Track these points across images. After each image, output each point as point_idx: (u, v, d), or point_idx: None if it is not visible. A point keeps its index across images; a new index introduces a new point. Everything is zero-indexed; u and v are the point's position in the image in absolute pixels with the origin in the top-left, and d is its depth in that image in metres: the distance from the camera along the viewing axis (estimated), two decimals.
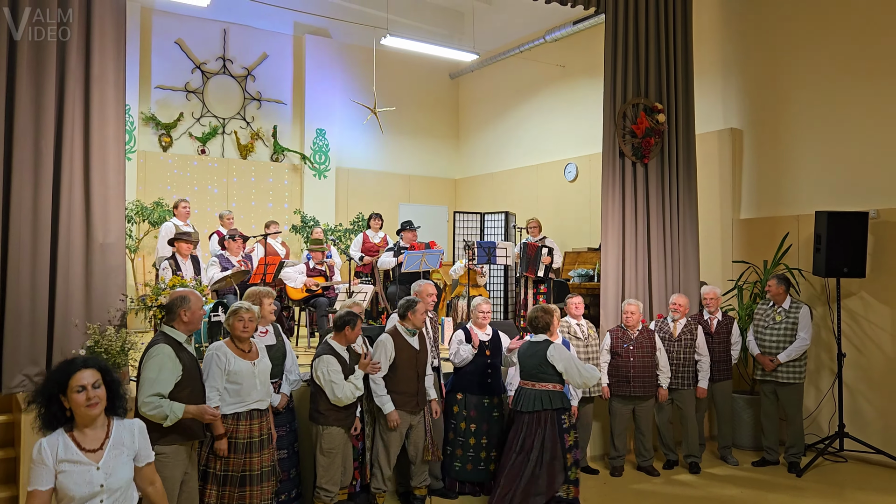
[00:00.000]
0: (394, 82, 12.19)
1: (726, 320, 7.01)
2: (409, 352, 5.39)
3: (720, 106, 8.53)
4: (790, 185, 7.81)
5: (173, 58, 10.72)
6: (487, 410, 5.80)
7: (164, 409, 3.85)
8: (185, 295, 4.21)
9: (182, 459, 4.05)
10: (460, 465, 5.75)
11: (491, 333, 5.98)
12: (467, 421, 5.77)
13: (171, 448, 3.98)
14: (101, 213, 5.30)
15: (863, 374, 7.06)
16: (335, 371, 4.86)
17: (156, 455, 3.92)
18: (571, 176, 10.66)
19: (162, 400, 3.86)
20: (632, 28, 7.58)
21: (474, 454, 5.75)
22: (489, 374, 5.83)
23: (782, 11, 7.91)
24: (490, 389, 5.83)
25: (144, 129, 10.46)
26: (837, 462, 6.87)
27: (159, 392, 3.86)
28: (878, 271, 6.95)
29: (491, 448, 5.79)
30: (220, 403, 4.28)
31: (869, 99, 7.11)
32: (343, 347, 5.03)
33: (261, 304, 4.92)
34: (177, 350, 4.04)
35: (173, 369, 3.96)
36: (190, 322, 4.17)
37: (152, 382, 3.88)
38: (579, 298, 6.57)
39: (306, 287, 8.03)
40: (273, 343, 5.01)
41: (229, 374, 4.31)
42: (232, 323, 4.41)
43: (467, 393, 5.80)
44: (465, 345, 5.77)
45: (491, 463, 5.78)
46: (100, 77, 5.34)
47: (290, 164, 11.65)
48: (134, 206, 9.57)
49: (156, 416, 3.84)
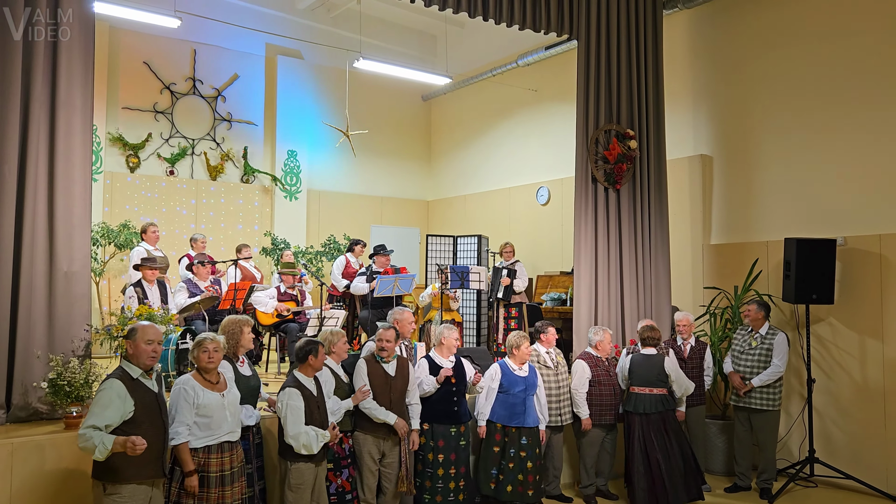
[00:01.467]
0: (366, 104, 12.16)
1: (699, 346, 7.05)
2: (381, 378, 5.35)
3: (691, 132, 8.64)
4: (760, 212, 7.91)
5: (141, 78, 10.57)
6: (455, 439, 5.71)
7: (94, 440, 3.63)
8: (134, 327, 4.04)
9: (140, 500, 3.88)
10: (430, 496, 5.64)
11: (454, 361, 5.90)
12: (435, 451, 5.66)
13: (126, 487, 3.82)
14: (66, 242, 5.17)
15: (832, 400, 7.13)
16: (295, 408, 4.67)
17: (112, 495, 3.79)
18: (544, 199, 10.70)
19: (94, 431, 3.66)
20: (604, 55, 7.66)
21: (443, 485, 5.64)
22: (455, 401, 5.76)
23: (752, 40, 8.06)
24: (456, 418, 5.75)
25: (111, 150, 10.28)
26: (808, 487, 6.91)
27: (94, 424, 3.68)
28: (845, 298, 7.04)
29: (460, 478, 5.70)
30: (191, 438, 4.16)
31: (837, 127, 7.25)
32: (310, 378, 4.89)
33: (240, 332, 4.84)
34: (130, 386, 3.87)
35: (120, 406, 3.78)
36: (134, 356, 3.97)
37: (91, 415, 3.72)
38: (553, 329, 6.56)
39: (277, 312, 7.91)
40: (250, 374, 4.92)
41: (199, 407, 4.19)
42: (197, 355, 4.30)
43: (434, 422, 5.71)
44: (429, 377, 5.69)
45: (461, 493, 5.70)
46: (66, 102, 5.22)
47: (261, 186, 11.53)
48: (100, 229, 9.37)
49: (86, 448, 3.66)
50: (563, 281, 9.59)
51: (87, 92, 5.34)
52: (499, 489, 5.85)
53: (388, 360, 5.44)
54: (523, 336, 6.12)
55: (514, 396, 5.92)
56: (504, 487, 5.83)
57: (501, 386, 5.93)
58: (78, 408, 4.87)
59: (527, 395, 5.96)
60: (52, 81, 5.21)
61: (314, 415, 4.76)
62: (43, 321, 5.06)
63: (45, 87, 5.17)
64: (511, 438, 5.90)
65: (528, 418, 5.94)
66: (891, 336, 6.72)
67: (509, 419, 5.90)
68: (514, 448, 5.88)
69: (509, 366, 6.00)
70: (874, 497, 6.61)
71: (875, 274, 6.86)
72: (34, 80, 5.10)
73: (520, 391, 5.92)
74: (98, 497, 3.87)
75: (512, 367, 6.00)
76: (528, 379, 5.99)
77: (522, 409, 5.92)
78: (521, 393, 5.92)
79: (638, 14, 7.88)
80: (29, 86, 5.09)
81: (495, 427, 5.92)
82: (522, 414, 5.92)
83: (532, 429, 5.97)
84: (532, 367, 6.14)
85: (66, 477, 4.65)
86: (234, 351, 4.83)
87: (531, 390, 5.99)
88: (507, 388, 5.93)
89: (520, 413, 5.91)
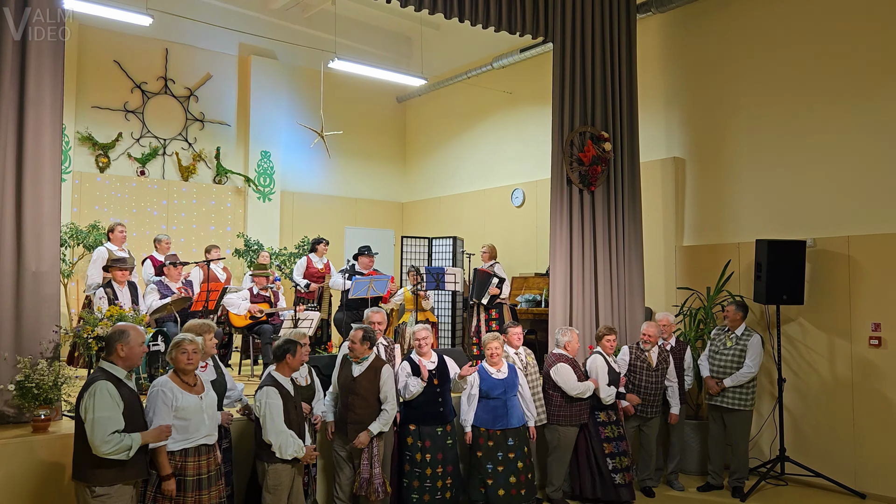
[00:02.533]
0: (341, 105, 12.10)
1: (679, 346, 7.10)
2: (345, 378, 5.38)
3: (664, 135, 8.73)
4: (731, 214, 8.01)
5: (112, 77, 10.42)
6: (441, 439, 5.73)
7: (126, 442, 3.78)
8: (125, 329, 4.04)
9: (126, 500, 3.90)
10: (417, 496, 5.64)
11: (437, 361, 5.90)
12: (422, 451, 5.67)
13: (114, 488, 3.83)
14: (34, 242, 5.05)
15: (802, 399, 7.24)
16: (275, 406, 4.64)
17: (100, 497, 3.77)
18: (518, 201, 10.73)
19: (122, 435, 3.78)
20: (579, 57, 7.70)
21: (431, 484, 5.65)
22: (439, 402, 5.77)
23: (724, 45, 8.16)
24: (442, 418, 5.76)
25: (80, 150, 10.10)
26: (779, 486, 7.00)
27: (116, 429, 3.78)
28: (815, 298, 7.16)
29: (447, 477, 5.71)
30: (168, 441, 4.10)
31: (807, 132, 7.37)
32: (287, 378, 4.86)
33: (202, 340, 4.77)
34: (117, 386, 3.88)
35: (117, 408, 3.83)
36: (127, 358, 4.01)
37: (106, 421, 3.76)
38: (520, 328, 6.56)
39: (250, 314, 7.83)
40: (214, 378, 4.87)
41: (177, 409, 4.13)
42: (175, 356, 4.24)
43: (420, 424, 5.72)
44: (413, 378, 5.69)
45: (448, 491, 5.70)
46: (35, 100, 5.11)
47: (234, 187, 11.41)
48: (68, 230, 9.20)
49: (118, 451, 3.76)
50: (538, 282, 9.62)
51: (56, 89, 5.24)
52: (489, 494, 5.82)
53: (357, 361, 5.40)
54: (494, 336, 6.14)
55: (494, 400, 5.92)
56: (495, 492, 5.80)
57: (481, 391, 5.94)
58: (46, 410, 4.76)
59: (507, 397, 5.95)
60: (20, 79, 5.09)
61: (291, 415, 4.71)
62: (10, 322, 4.94)
63: (14, 85, 5.05)
64: (497, 442, 5.89)
65: (512, 419, 5.94)
66: (859, 336, 6.84)
67: (493, 423, 5.90)
68: (502, 451, 5.87)
69: (487, 370, 6.00)
70: (843, 494, 6.72)
71: (844, 275, 6.98)
72: (2, 77, 4.99)
73: (499, 394, 5.92)
74: (84, 500, 3.83)
75: (489, 370, 6.00)
76: (506, 381, 5.98)
77: (505, 412, 5.92)
78: (501, 395, 5.92)
79: (612, 17, 7.94)
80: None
81: (479, 432, 5.92)
82: (505, 416, 5.91)
83: (517, 429, 5.96)
84: (512, 367, 6.12)
85: (37, 481, 4.55)
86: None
87: (511, 391, 5.99)
88: (486, 392, 5.93)
89: (502, 415, 5.91)
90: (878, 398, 6.68)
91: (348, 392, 5.35)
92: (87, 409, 3.78)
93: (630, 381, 6.77)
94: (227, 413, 4.90)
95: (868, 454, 6.71)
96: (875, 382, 6.71)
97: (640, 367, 6.74)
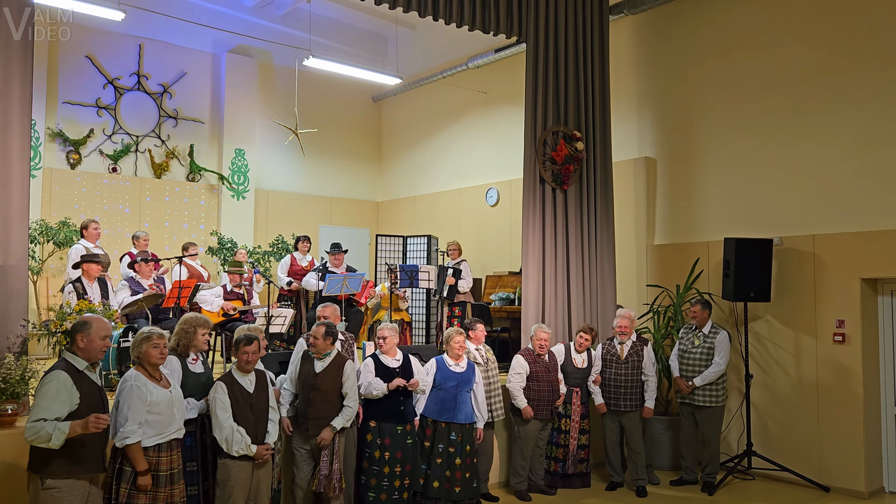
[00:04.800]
0: (316, 104, 12.09)
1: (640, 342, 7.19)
2: (306, 374, 5.35)
3: (635, 135, 8.84)
4: (701, 213, 8.14)
5: (84, 72, 10.31)
6: (401, 438, 5.71)
7: (47, 429, 3.64)
8: (88, 320, 4.00)
9: (78, 495, 3.83)
10: (374, 494, 5.61)
11: (401, 359, 5.87)
12: (381, 449, 5.65)
13: (64, 482, 3.78)
14: (3, 235, 5.01)
15: (769, 395, 7.37)
16: (220, 401, 4.61)
17: (47, 490, 3.72)
18: (493, 200, 10.79)
19: (44, 423, 3.66)
20: (552, 58, 7.78)
21: (388, 483, 5.63)
22: (401, 400, 5.75)
23: (694, 47, 8.30)
24: (402, 417, 5.74)
25: (50, 146, 9.98)
26: (746, 480, 7.12)
27: (43, 417, 3.67)
28: (781, 296, 7.30)
29: (405, 476, 5.70)
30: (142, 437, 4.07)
31: (774, 133, 7.52)
32: (246, 375, 4.80)
33: (195, 332, 4.82)
34: (76, 378, 3.84)
35: (67, 398, 3.76)
36: (87, 349, 3.95)
37: (38, 408, 3.70)
38: (482, 325, 6.62)
39: (223, 311, 7.80)
40: (202, 371, 4.88)
41: (150, 405, 4.10)
42: (146, 350, 4.20)
43: (380, 421, 5.70)
44: (378, 381, 5.63)
45: (405, 491, 5.70)
46: (3, 93, 5.07)
47: (207, 185, 11.35)
48: (38, 226, 9.09)
49: (39, 440, 3.65)
50: (512, 281, 9.69)
51: (25, 82, 5.21)
52: (426, 485, 5.85)
53: (319, 357, 5.37)
54: (456, 331, 6.17)
55: (445, 392, 5.94)
56: (430, 483, 5.83)
57: (435, 380, 5.96)
58: (13, 405, 4.73)
59: (459, 391, 5.96)
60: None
61: (245, 412, 4.66)
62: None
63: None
64: (440, 433, 5.90)
65: (460, 414, 5.94)
66: (824, 332, 6.99)
67: (439, 413, 5.92)
68: (443, 443, 5.88)
69: (445, 361, 6.04)
70: (807, 488, 6.85)
71: (809, 273, 7.12)
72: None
73: (452, 386, 5.94)
74: (35, 491, 3.79)
75: (448, 362, 6.03)
76: (463, 375, 6.00)
77: (453, 405, 5.93)
78: (452, 388, 5.94)
79: (585, 18, 8.04)
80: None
81: (426, 421, 5.94)
82: (453, 409, 5.93)
83: (463, 425, 5.96)
84: (471, 363, 6.16)
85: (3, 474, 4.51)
86: (185, 349, 4.80)
87: (465, 386, 6.01)
88: (440, 383, 5.95)
89: (450, 408, 5.92)
90: (841, 393, 6.83)
91: (310, 388, 5.29)
92: (35, 395, 3.78)
93: (602, 374, 6.87)
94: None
95: (832, 448, 6.85)
96: (839, 378, 6.85)
97: (610, 360, 6.83)
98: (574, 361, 6.84)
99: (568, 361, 6.81)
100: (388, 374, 5.69)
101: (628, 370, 6.79)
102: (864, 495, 6.61)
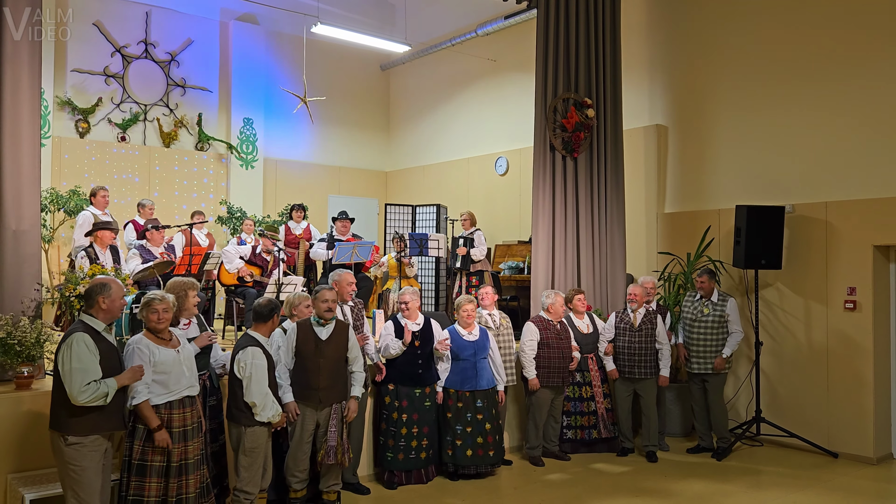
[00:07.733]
0: (324, 72, 12.02)
1: (659, 310, 7.19)
2: (311, 343, 5.05)
3: (646, 102, 8.76)
4: (712, 180, 8.08)
5: (92, 40, 10.26)
6: (419, 400, 5.81)
7: (103, 389, 3.84)
8: (106, 282, 4.06)
9: (99, 450, 3.95)
10: (392, 455, 5.75)
11: (422, 323, 5.94)
12: (399, 411, 5.75)
13: (89, 438, 3.89)
14: (15, 200, 5.04)
15: (778, 362, 7.38)
16: (260, 367, 4.59)
17: (73, 445, 3.82)
18: (502, 169, 10.75)
19: (98, 383, 3.84)
20: (562, 24, 7.69)
21: (405, 443, 5.75)
22: (420, 364, 5.82)
23: (707, 14, 8.17)
24: (420, 380, 5.82)
25: (59, 114, 9.98)
26: (754, 446, 7.16)
27: (93, 378, 3.83)
28: (792, 263, 7.27)
29: (423, 437, 5.80)
30: (151, 395, 4.12)
31: (787, 101, 7.43)
32: (267, 339, 4.81)
33: (185, 295, 4.71)
34: (95, 338, 3.91)
35: (93, 358, 3.86)
36: (109, 310, 4.04)
37: (82, 372, 3.81)
38: (489, 288, 6.64)
39: (239, 273, 7.80)
40: (197, 335, 4.85)
41: (155, 364, 4.14)
42: (146, 315, 4.22)
43: (398, 384, 5.79)
44: (395, 339, 5.71)
45: (422, 451, 5.80)
46: (12, 58, 5.05)
47: (216, 154, 11.33)
48: (48, 194, 9.12)
49: (96, 399, 3.82)
50: (521, 250, 9.68)
51: (34, 48, 5.20)
52: (456, 454, 5.92)
53: (325, 323, 5.11)
54: (467, 299, 6.19)
55: (464, 361, 6.01)
56: (463, 452, 5.91)
57: (451, 352, 6.01)
58: (29, 367, 4.78)
59: (477, 359, 6.03)
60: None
61: (271, 378, 4.74)
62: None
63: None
64: (466, 403, 5.98)
65: (482, 381, 6.03)
66: (834, 300, 6.97)
67: (461, 384, 5.99)
68: (471, 412, 5.97)
69: (458, 331, 6.08)
70: (816, 454, 6.89)
71: (821, 240, 7.09)
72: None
73: (469, 355, 6.01)
74: (58, 447, 3.88)
75: (461, 332, 6.08)
76: (477, 343, 6.06)
77: (474, 373, 6.01)
78: (470, 357, 6.01)
79: None
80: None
81: (449, 393, 6.01)
82: (474, 378, 6.00)
83: (487, 391, 6.06)
84: (484, 330, 6.21)
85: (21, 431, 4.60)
86: (176, 315, 4.62)
87: (482, 353, 6.07)
88: (456, 354, 6.01)
89: (471, 377, 6.00)
90: (851, 361, 6.83)
91: (317, 357, 5.03)
92: (64, 360, 3.82)
93: (615, 342, 6.88)
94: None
95: (841, 415, 6.87)
96: (849, 345, 6.85)
97: (624, 329, 6.84)
98: (579, 329, 6.85)
99: (573, 330, 6.82)
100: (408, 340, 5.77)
101: (642, 338, 6.79)
102: (872, 461, 6.64)
